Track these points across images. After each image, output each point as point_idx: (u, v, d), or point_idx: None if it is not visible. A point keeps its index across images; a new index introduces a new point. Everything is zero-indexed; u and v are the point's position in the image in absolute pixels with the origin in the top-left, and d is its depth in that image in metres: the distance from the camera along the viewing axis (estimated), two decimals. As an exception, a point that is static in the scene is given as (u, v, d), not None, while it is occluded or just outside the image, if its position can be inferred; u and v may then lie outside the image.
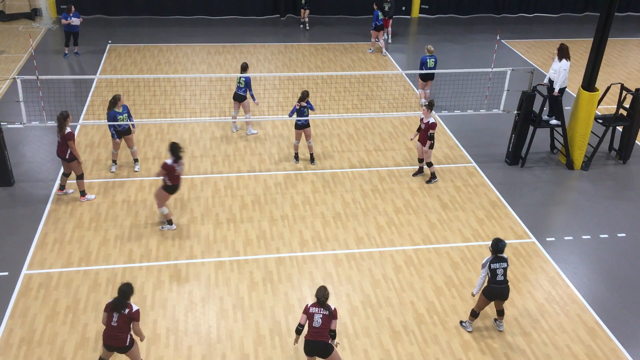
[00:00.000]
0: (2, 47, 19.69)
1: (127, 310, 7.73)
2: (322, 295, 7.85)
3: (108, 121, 12.40)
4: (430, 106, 12.48)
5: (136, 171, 13.04)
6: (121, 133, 12.69)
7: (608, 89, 14.43)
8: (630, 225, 12.06)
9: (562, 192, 13.26)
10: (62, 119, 11.43)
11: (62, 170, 12.21)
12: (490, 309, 9.46)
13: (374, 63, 19.65)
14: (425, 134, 12.60)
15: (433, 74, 16.10)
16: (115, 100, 12.32)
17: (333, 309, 7.89)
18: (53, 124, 13.68)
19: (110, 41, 20.56)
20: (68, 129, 11.44)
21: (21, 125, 12.67)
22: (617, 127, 14.62)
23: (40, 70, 17.40)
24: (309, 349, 7.92)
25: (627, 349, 9.14)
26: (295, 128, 13.29)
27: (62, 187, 12.19)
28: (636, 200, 12.89)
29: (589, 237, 11.68)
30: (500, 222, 11.93)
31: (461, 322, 9.41)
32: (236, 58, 19.60)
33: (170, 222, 11.29)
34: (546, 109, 14.13)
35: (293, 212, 11.96)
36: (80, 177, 11.93)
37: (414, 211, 12.15)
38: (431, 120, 12.48)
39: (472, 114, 15.31)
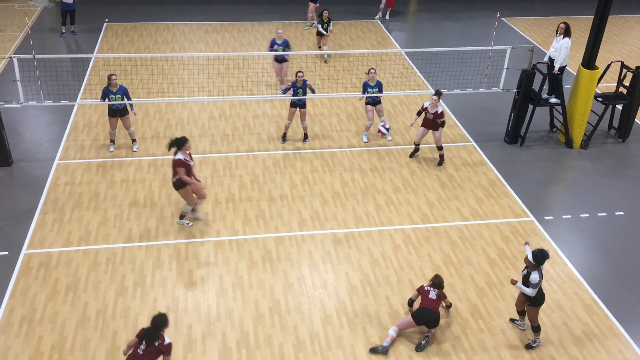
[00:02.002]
0: (-2, 26, 19.52)
1: (157, 343, 7.19)
2: (438, 281, 8.83)
3: (101, 97, 12.38)
4: (438, 94, 12.46)
5: (134, 151, 13.02)
6: (116, 112, 12.62)
7: (608, 67, 14.35)
8: (629, 203, 12.09)
9: (561, 170, 13.26)
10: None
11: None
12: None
13: (373, 42, 19.51)
14: (435, 122, 12.57)
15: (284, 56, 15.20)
16: (108, 79, 12.27)
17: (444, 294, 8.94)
18: (50, 103, 13.64)
19: (107, 19, 20.37)
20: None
21: (18, 105, 12.61)
22: (617, 105, 14.57)
23: (37, 49, 17.25)
24: (423, 317, 8.65)
25: (623, 326, 9.22)
26: (290, 106, 13.24)
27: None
28: (635, 179, 12.90)
29: (587, 215, 11.71)
30: (498, 201, 11.95)
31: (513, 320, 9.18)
32: (234, 37, 19.45)
33: (183, 217, 10.90)
34: (546, 87, 14.07)
35: (292, 192, 11.97)
36: None
37: (413, 190, 12.16)
38: (439, 109, 12.51)
39: (472, 93, 15.25)
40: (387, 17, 21.58)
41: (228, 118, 14.58)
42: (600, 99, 14.14)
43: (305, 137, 13.61)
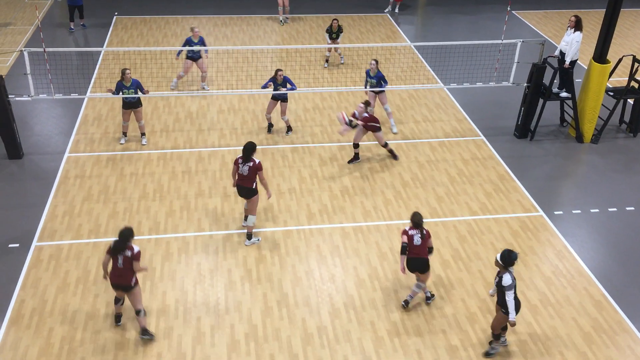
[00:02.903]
0: (9, 20, 19.61)
1: (129, 253, 8.12)
2: (418, 219, 8.80)
3: (115, 90, 12.42)
4: (365, 104, 12.14)
5: (143, 144, 13.06)
6: (130, 105, 12.67)
7: (620, 60, 14.22)
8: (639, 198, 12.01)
9: (571, 165, 13.19)
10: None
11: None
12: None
13: (382, 35, 19.44)
14: (367, 126, 12.21)
15: None
16: (122, 73, 12.29)
17: (426, 231, 8.90)
18: (61, 96, 13.71)
19: (116, 13, 20.42)
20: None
21: (29, 98, 12.68)
22: (628, 99, 14.45)
23: (47, 43, 17.33)
24: (414, 265, 8.88)
25: (633, 322, 9.18)
26: (271, 98, 13.27)
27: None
28: (646, 174, 12.82)
29: (597, 210, 11.65)
30: (508, 196, 11.91)
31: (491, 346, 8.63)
32: (243, 30, 19.44)
33: (250, 237, 10.45)
34: (556, 81, 13.97)
35: (300, 186, 11.98)
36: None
37: (422, 184, 12.14)
38: (364, 114, 12.16)
39: (481, 87, 15.17)
40: (396, 10, 21.49)
41: (237, 112, 14.59)
42: (611, 93, 14.03)
43: (289, 129, 13.61)
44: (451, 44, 16.03)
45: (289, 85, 12.99)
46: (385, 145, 12.70)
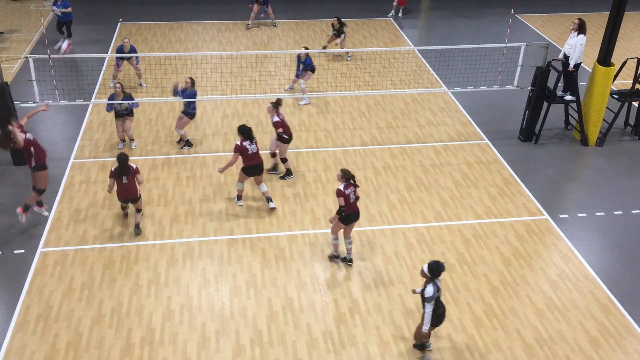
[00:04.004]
0: (14, 26, 19.71)
1: (131, 170, 10.15)
2: (349, 174, 9.40)
3: (107, 107, 12.83)
4: (275, 104, 11.62)
5: (133, 148, 13.14)
6: (120, 114, 12.89)
7: (624, 63, 14.19)
8: (645, 201, 11.97)
9: (576, 168, 13.15)
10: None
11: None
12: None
13: (385, 39, 19.46)
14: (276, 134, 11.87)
15: None
16: (114, 87, 12.71)
17: (355, 183, 9.59)
18: (66, 102, 13.76)
19: (120, 19, 20.51)
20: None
21: (34, 105, 12.73)
22: (633, 102, 14.41)
23: (52, 49, 17.42)
24: (351, 219, 9.65)
25: (640, 326, 9.15)
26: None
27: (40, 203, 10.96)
28: (651, 177, 12.77)
29: (602, 213, 11.61)
30: (513, 199, 11.88)
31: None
32: (247, 35, 19.49)
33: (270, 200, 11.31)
34: (561, 84, 13.95)
35: (305, 190, 11.97)
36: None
37: (426, 188, 12.12)
38: (275, 119, 11.63)
39: (485, 90, 15.15)
40: (399, 14, 21.51)
41: (241, 117, 14.62)
42: (616, 96, 14.00)
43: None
44: (455, 48, 16.03)
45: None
46: (284, 161, 12.06)
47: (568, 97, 13.79)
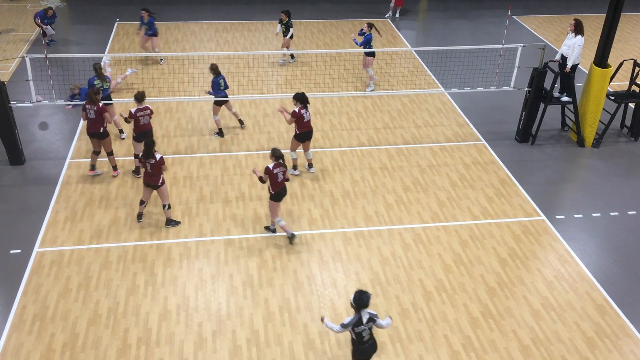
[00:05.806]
0: (11, 26, 19.67)
1: (153, 160, 10.18)
2: (280, 153, 9.97)
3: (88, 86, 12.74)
4: (300, 98, 11.54)
5: (122, 138, 13.28)
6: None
7: (620, 65, 14.24)
8: (641, 203, 12.00)
9: (573, 169, 13.18)
10: (94, 94, 11.49)
11: (91, 150, 12.11)
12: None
13: (383, 40, 19.48)
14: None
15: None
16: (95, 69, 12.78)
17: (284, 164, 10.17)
18: (62, 102, 13.74)
19: (118, 19, 20.49)
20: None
21: (31, 104, 12.71)
22: (629, 104, 14.45)
23: (49, 49, 17.40)
24: (281, 195, 10.27)
25: (636, 326, 9.15)
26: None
27: (92, 166, 12.20)
28: (647, 178, 12.81)
29: (599, 214, 11.64)
30: (509, 200, 11.90)
31: None
32: (244, 36, 19.48)
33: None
34: (557, 85, 13.98)
35: (302, 191, 11.98)
36: (110, 153, 12.06)
37: (423, 189, 12.14)
38: (295, 109, 11.58)
39: (482, 91, 15.18)
40: (397, 15, 21.54)
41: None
42: (612, 98, 14.04)
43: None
44: (452, 49, 16.06)
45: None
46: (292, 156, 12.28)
47: (565, 98, 13.83)
